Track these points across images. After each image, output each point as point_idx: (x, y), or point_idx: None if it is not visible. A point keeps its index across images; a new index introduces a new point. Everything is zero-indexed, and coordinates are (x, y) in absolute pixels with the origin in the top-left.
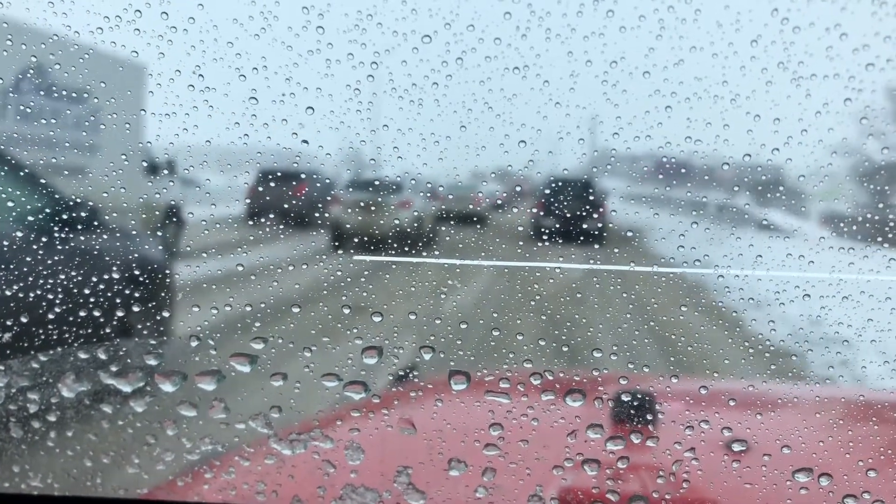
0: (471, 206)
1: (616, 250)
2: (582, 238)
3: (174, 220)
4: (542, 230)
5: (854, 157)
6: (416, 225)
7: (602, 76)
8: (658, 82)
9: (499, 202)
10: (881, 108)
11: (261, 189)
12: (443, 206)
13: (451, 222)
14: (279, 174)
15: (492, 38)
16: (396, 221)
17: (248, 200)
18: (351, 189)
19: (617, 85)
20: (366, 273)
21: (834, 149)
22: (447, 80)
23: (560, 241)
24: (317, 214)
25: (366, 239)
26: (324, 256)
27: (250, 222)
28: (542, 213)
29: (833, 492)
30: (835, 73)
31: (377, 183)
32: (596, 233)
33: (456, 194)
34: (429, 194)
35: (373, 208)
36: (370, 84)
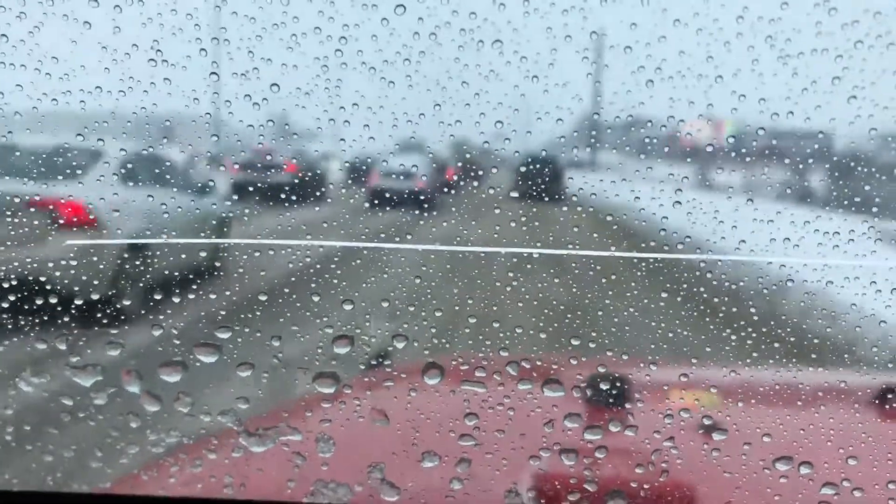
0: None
1: (595, 235)
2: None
3: None
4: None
5: (841, 137)
6: None
7: (582, 52)
8: (641, 58)
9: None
10: (870, 87)
11: None
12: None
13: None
14: None
15: (467, 12)
16: None
17: None
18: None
19: (598, 61)
20: None
21: (821, 128)
22: (420, 56)
23: (537, 223)
24: None
25: None
26: None
27: None
28: (517, 193)
29: (813, 480)
30: (823, 50)
31: None
32: (574, 215)
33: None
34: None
35: None
36: (338, 59)
